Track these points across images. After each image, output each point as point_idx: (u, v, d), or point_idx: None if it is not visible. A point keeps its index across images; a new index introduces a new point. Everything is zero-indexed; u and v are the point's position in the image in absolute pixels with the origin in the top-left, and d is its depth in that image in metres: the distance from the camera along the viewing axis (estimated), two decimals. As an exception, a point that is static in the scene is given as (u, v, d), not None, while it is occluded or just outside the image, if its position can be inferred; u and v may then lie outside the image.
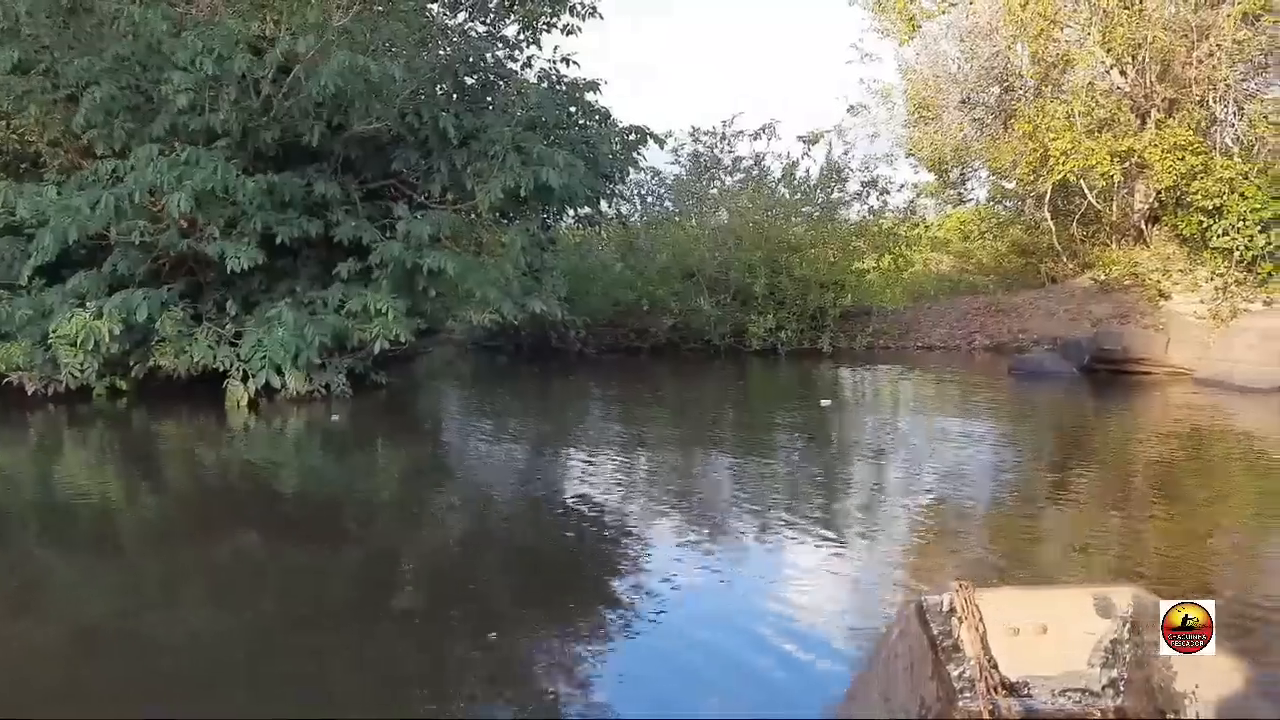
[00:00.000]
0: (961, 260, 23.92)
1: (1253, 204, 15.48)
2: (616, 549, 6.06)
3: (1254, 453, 9.18)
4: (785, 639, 4.40)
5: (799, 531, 6.07)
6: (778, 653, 4.27)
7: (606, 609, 4.93)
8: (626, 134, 13.12)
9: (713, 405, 12.56)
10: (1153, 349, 12.92)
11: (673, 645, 4.45)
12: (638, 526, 6.46)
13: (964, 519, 6.58)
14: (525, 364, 16.32)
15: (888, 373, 15.40)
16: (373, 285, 10.70)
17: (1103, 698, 3.12)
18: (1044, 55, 16.85)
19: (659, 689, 4.03)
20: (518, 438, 10.16)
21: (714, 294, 16.89)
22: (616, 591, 5.21)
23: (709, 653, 4.33)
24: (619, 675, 4.17)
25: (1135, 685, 3.05)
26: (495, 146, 10.55)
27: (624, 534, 6.33)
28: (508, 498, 7.63)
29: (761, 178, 18.58)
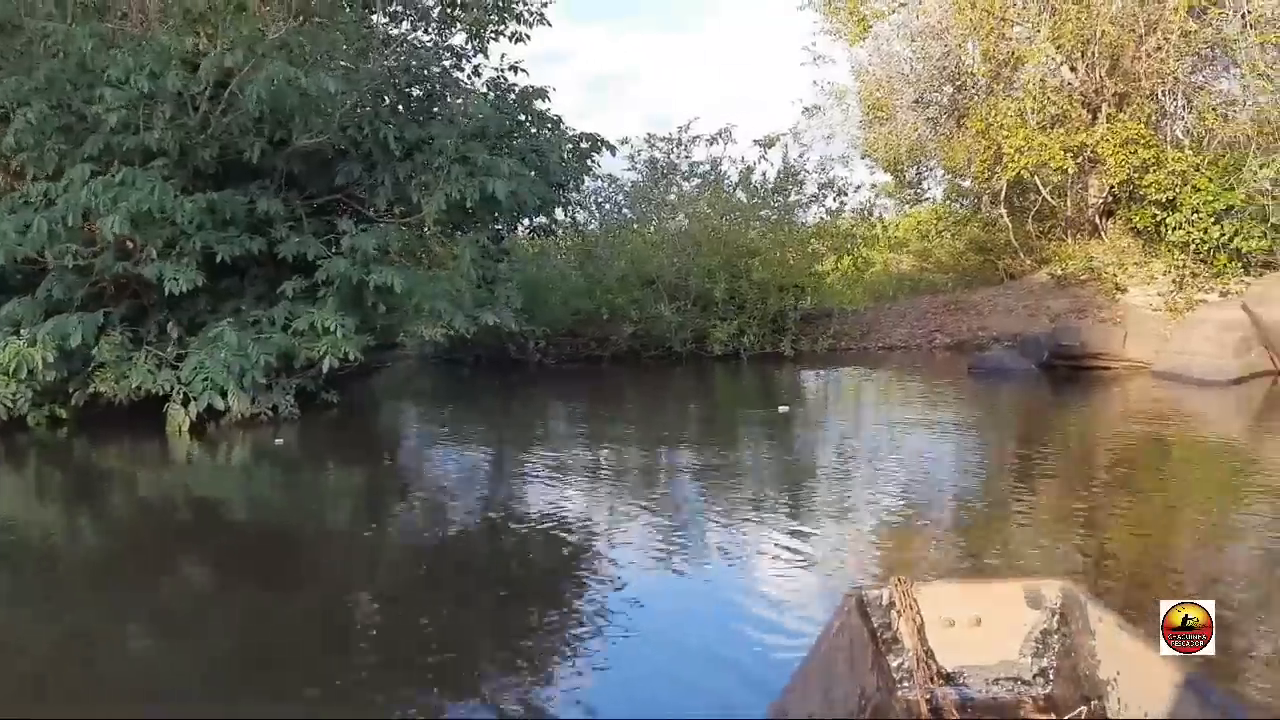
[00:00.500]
0: (921, 259, 23.85)
1: (1205, 196, 15.47)
2: (581, 564, 5.94)
3: (1213, 447, 9.07)
4: (755, 641, 4.38)
5: (764, 538, 6.02)
6: (750, 656, 4.24)
7: (574, 624, 4.90)
8: (578, 141, 12.84)
9: (674, 414, 12.33)
10: (1110, 343, 12.82)
11: (642, 655, 4.44)
12: (601, 540, 6.34)
13: (928, 522, 6.47)
14: (485, 377, 16.01)
15: (849, 374, 15.25)
16: (319, 303, 10.37)
17: (1033, 686, 3.25)
18: (995, 53, 16.77)
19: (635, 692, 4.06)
20: (474, 453, 9.91)
21: (674, 300, 16.65)
22: (582, 608, 5.13)
23: (680, 658, 4.34)
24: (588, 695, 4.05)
25: (1063, 673, 3.17)
26: (439, 158, 10.26)
27: (587, 548, 6.19)
28: (465, 515, 7.41)
29: (719, 182, 18.37)
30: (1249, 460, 8.38)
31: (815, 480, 8.05)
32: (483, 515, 7.40)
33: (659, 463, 9.07)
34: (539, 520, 6.79)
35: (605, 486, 8.09)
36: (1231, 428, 9.89)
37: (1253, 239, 15.25)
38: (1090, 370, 12.82)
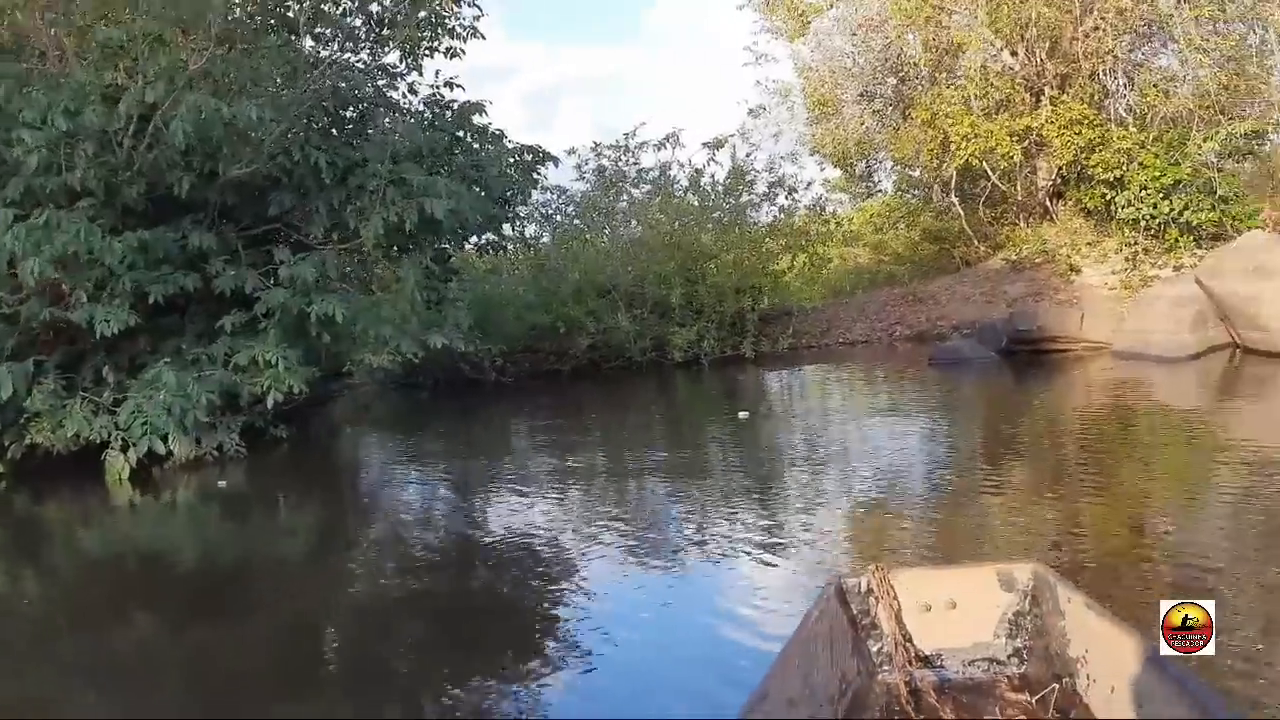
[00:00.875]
0: (877, 252, 23.74)
1: (1152, 172, 15.42)
2: (548, 586, 5.81)
3: (1176, 424, 8.94)
4: (734, 641, 4.40)
5: (735, 543, 5.96)
6: (730, 654, 4.26)
7: (549, 638, 4.89)
8: (520, 154, 12.54)
9: (634, 426, 12.08)
10: (1068, 325, 12.71)
11: (622, 661, 4.44)
12: (571, 553, 6.26)
13: (896, 515, 6.43)
14: (443, 399, 15.69)
15: (811, 373, 15.06)
16: (261, 336, 10.03)
17: (1008, 666, 3.34)
18: (935, 42, 16.67)
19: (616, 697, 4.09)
20: (433, 478, 9.68)
21: (631, 309, 16.39)
22: (557, 621, 5.10)
23: (660, 662, 4.40)
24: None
25: (1036, 653, 3.26)
26: (374, 181, 9.95)
27: (557, 562, 6.14)
28: (429, 542, 7.21)
29: (668, 187, 18.15)
30: (1213, 436, 8.27)
31: (783, 485, 7.90)
32: (447, 540, 7.22)
33: (622, 476, 8.87)
34: (506, 539, 6.68)
35: (569, 503, 7.88)
36: (1193, 403, 9.78)
37: (1202, 211, 15.22)
38: (1050, 354, 12.70)
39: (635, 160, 18.44)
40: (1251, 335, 10.61)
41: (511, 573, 6.11)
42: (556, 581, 5.85)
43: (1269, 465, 6.72)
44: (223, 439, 9.94)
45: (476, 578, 6.15)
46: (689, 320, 16.22)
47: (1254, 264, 10.64)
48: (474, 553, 6.61)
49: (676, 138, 18.29)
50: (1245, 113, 16.53)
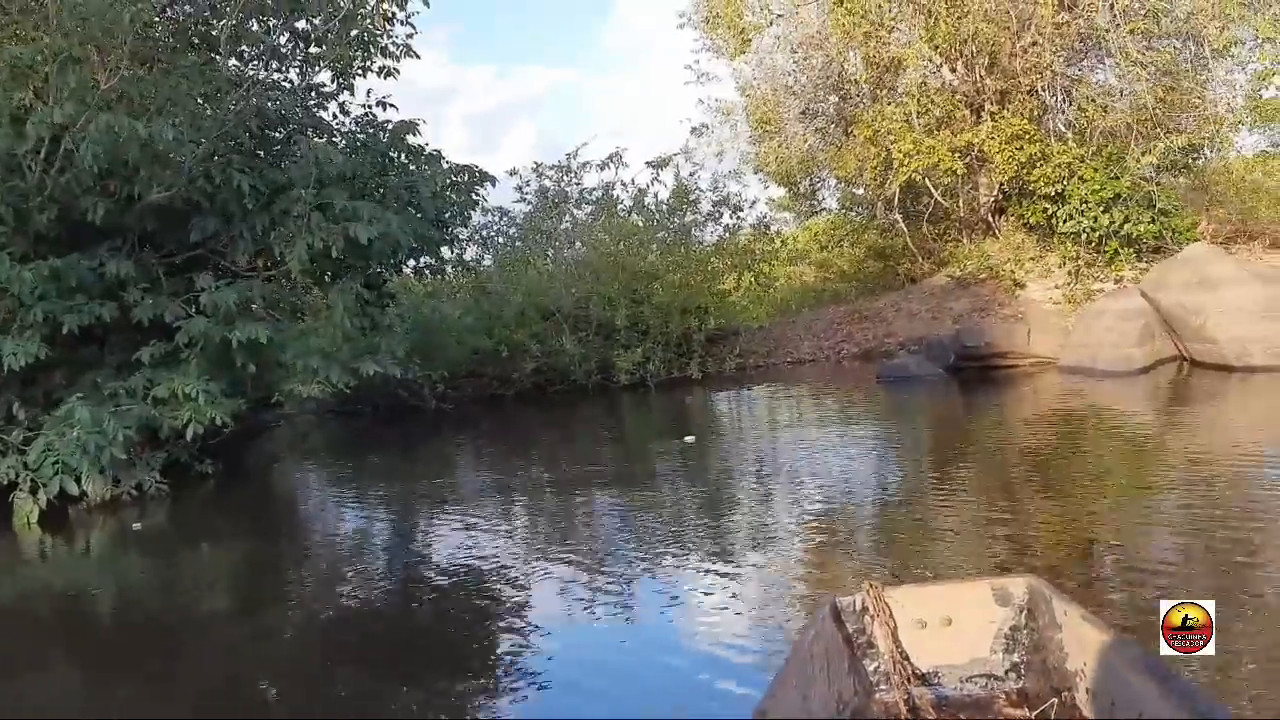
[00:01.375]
0: (822, 270, 23.63)
1: (1092, 186, 15.43)
2: (494, 623, 5.60)
3: (1126, 439, 8.74)
4: (691, 679, 4.28)
5: (690, 569, 5.88)
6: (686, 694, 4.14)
7: (495, 684, 4.68)
8: (455, 174, 12.08)
9: (580, 451, 11.69)
10: (1015, 340, 12.54)
11: (572, 705, 4.27)
12: (518, 591, 6.03)
13: (847, 536, 6.35)
14: (383, 427, 15.18)
15: (759, 393, 14.77)
16: (182, 366, 9.51)
17: (1006, 681, 3.29)
18: (876, 58, 16.55)
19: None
20: (370, 514, 9.18)
21: (575, 331, 16.03)
22: (498, 672, 4.86)
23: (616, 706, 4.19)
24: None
25: (1034, 668, 3.21)
26: (298, 206, 9.48)
27: (500, 606, 5.86)
28: (365, 583, 6.75)
29: (612, 207, 17.83)
30: (1167, 450, 8.09)
31: (733, 510, 7.62)
32: (385, 578, 6.83)
33: (569, 505, 8.48)
34: (448, 575, 6.44)
35: (514, 534, 7.56)
36: (1143, 417, 9.60)
37: (1141, 224, 15.25)
38: (997, 370, 12.53)
39: (578, 180, 18.15)
40: (1197, 348, 10.50)
41: (455, 611, 5.83)
42: (503, 618, 5.62)
43: (1222, 477, 6.54)
44: (142, 477, 9.39)
45: (418, 617, 5.84)
46: (634, 342, 15.89)
47: (1198, 276, 10.54)
48: (414, 591, 6.31)
49: (620, 157, 18.04)
50: (1181, 127, 16.62)
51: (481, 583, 6.22)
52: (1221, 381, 10.18)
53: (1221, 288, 10.33)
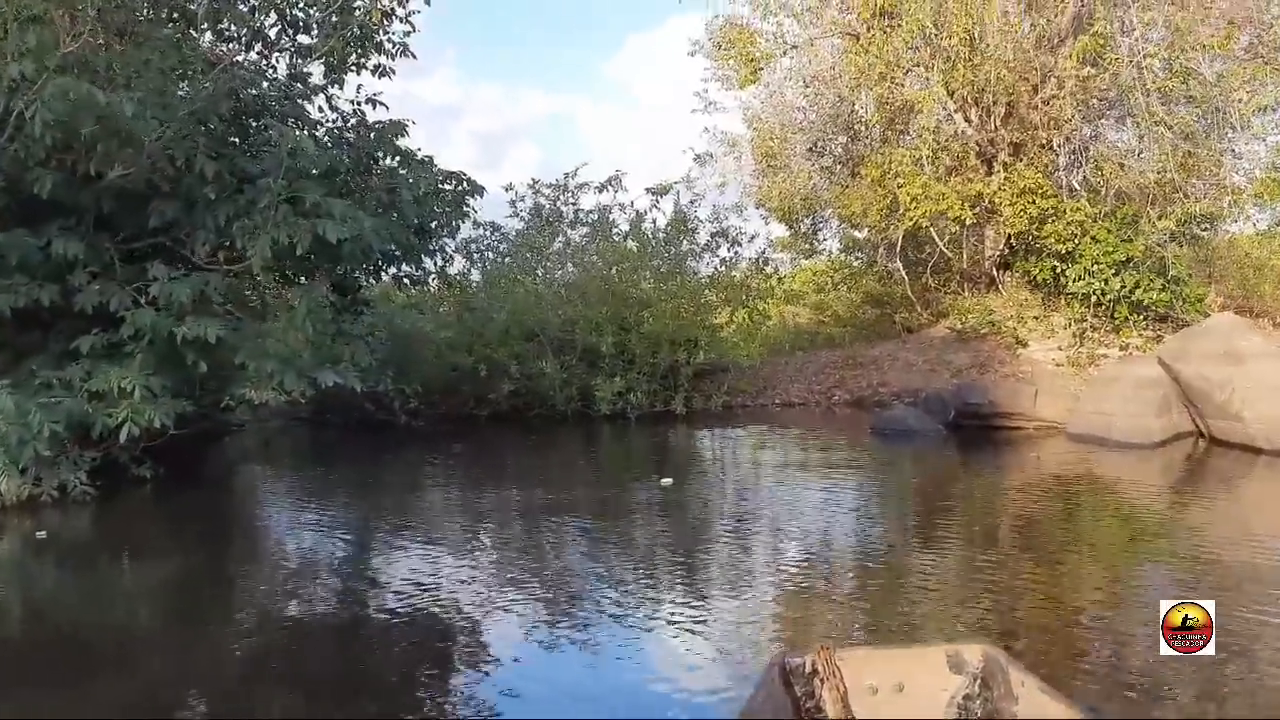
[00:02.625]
0: (817, 312, 22.88)
1: (1105, 247, 14.72)
2: (438, 651, 5.23)
3: (1131, 516, 7.91)
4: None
5: (659, 612, 5.58)
6: None
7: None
8: (440, 180, 11.22)
9: (552, 483, 10.82)
10: (1020, 402, 11.72)
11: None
12: (465, 624, 5.62)
13: (823, 600, 5.88)
14: (352, 440, 14.29)
15: (745, 435, 13.95)
16: (126, 360, 8.63)
17: None
18: (889, 100, 15.84)
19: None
20: (320, 531, 8.32)
21: (559, 355, 15.19)
22: (440, 699, 4.62)
23: None
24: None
25: None
26: (265, 197, 8.64)
27: (453, 640, 5.45)
28: (301, 609, 6.15)
29: (607, 231, 17.04)
30: (1175, 534, 7.28)
31: (708, 553, 7.16)
32: (327, 602, 6.28)
33: (534, 541, 7.71)
34: (399, 601, 5.93)
35: (475, 564, 6.99)
36: (1157, 496, 8.74)
37: (1153, 291, 14.55)
38: (1000, 430, 11.70)
39: (574, 201, 17.37)
40: (1220, 425, 9.68)
41: (401, 638, 5.36)
42: (453, 649, 5.30)
43: (1232, 568, 5.91)
44: (66, 477, 8.47)
45: (358, 644, 5.36)
46: (619, 370, 15.05)
47: (1223, 348, 9.75)
48: (358, 616, 5.84)
49: (619, 181, 17.29)
50: (1197, 194, 15.98)
51: (434, 610, 5.79)
52: (1246, 464, 9.35)
53: (1249, 361, 9.53)
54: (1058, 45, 14.88)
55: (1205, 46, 12.87)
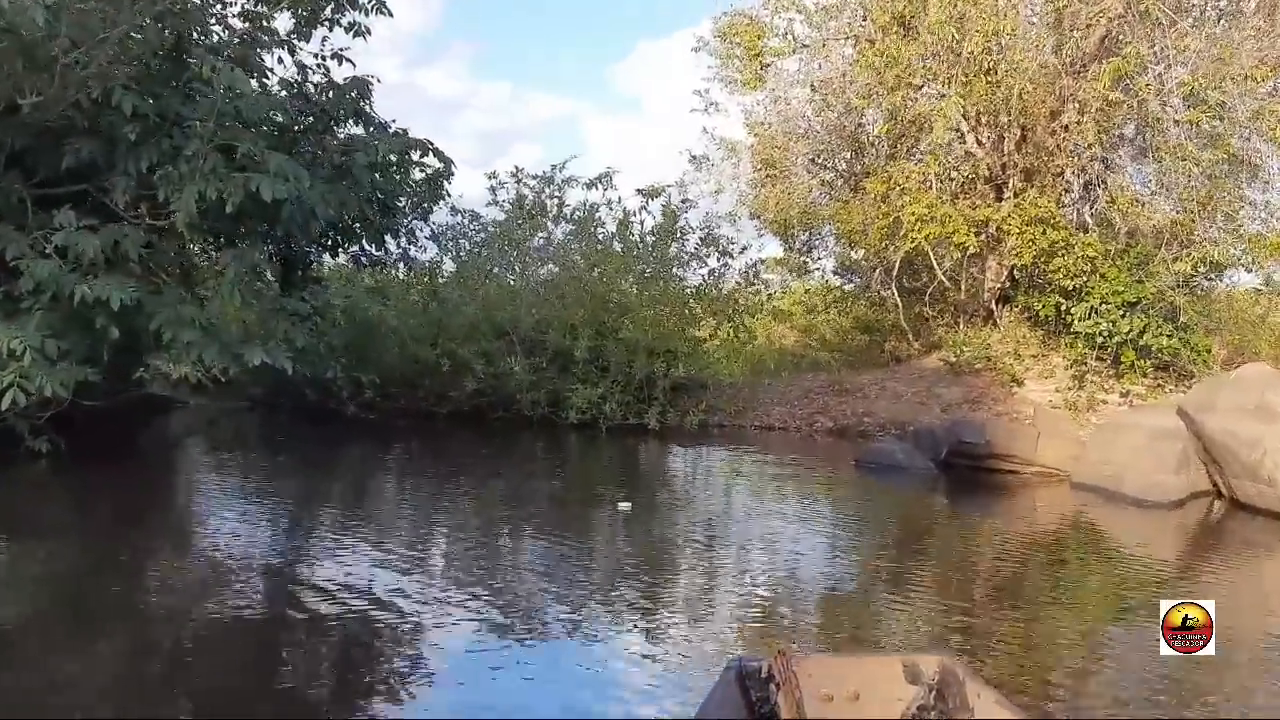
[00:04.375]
0: (805, 335, 21.79)
1: (1115, 286, 13.66)
2: (370, 661, 4.73)
3: (1141, 581, 6.78)
4: None
5: (612, 629, 5.29)
6: None
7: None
8: (404, 149, 9.99)
9: (510, 487, 9.71)
10: (1019, 444, 10.61)
11: None
12: (398, 634, 5.05)
13: (789, 617, 5.59)
14: (307, 427, 13.17)
15: (719, 458, 12.83)
16: (22, 318, 7.45)
17: None
18: (899, 112, 14.76)
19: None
20: (242, 522, 7.48)
21: (529, 356, 14.03)
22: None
23: None
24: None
25: None
26: (193, 142, 7.47)
27: (388, 647, 4.92)
28: (211, 609, 5.43)
29: (592, 229, 15.90)
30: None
31: (669, 576, 6.52)
32: (239, 605, 5.59)
33: (478, 551, 6.63)
34: (324, 603, 5.40)
35: (414, 570, 6.24)
36: (1176, 565, 7.55)
37: (1162, 337, 13.48)
38: (995, 473, 10.58)
39: (560, 194, 16.22)
40: (1249, 488, 8.55)
41: (321, 646, 4.90)
42: (381, 659, 4.75)
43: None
44: (-67, 446, 7.28)
45: (264, 650, 4.81)
46: (592, 378, 13.89)
47: (1255, 401, 8.65)
48: (278, 624, 5.20)
49: (610, 179, 16.14)
50: (1212, 239, 14.98)
51: (367, 617, 5.19)
52: (1277, 533, 8.24)
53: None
54: (1081, 69, 13.84)
55: (1248, 77, 11.84)
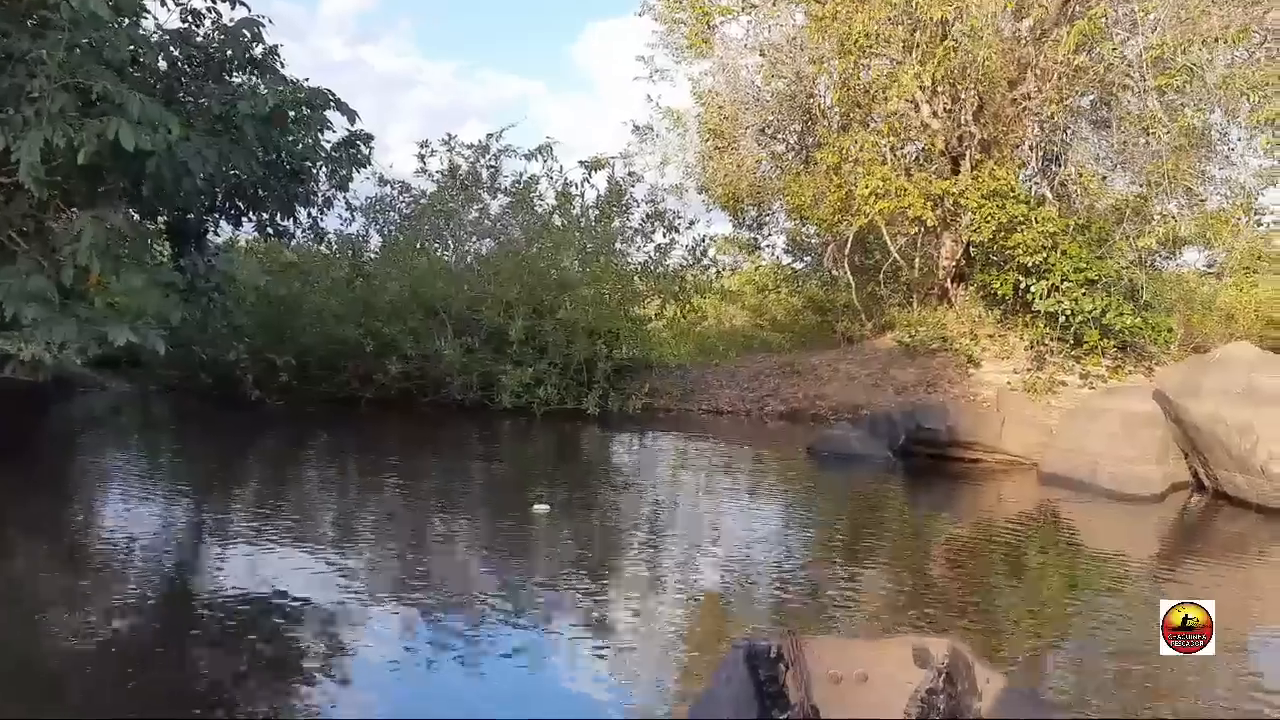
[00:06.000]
0: (755, 315, 20.77)
1: (1076, 262, 12.75)
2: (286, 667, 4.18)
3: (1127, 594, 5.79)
4: None
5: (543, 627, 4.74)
6: None
7: None
8: (301, 99, 8.66)
9: (436, 477, 8.55)
10: (983, 431, 9.65)
11: None
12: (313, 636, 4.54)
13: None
14: (225, 414, 11.89)
15: (662, 446, 11.78)
16: None
17: None
18: (853, 78, 13.69)
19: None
20: (123, 516, 6.63)
21: (460, 337, 12.85)
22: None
23: None
24: None
25: None
26: (37, 80, 6.18)
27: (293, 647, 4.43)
28: (95, 615, 4.65)
29: (531, 202, 14.71)
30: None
31: (610, 572, 5.72)
32: (121, 609, 4.82)
33: (398, 542, 5.47)
34: (219, 609, 4.79)
35: (323, 568, 5.39)
36: (1182, 575, 6.47)
37: (1125, 316, 12.62)
38: (957, 462, 9.62)
39: (496, 165, 15.00)
40: (1239, 480, 7.58)
41: (222, 651, 4.33)
42: (296, 664, 4.22)
43: None
44: None
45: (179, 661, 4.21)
46: (528, 359, 12.74)
47: (1243, 384, 7.72)
48: (151, 623, 4.65)
49: (550, 150, 14.98)
50: (1171, 214, 14.17)
51: (278, 621, 4.66)
52: (1273, 532, 7.28)
53: (1278, 406, 7.53)
54: (1042, 35, 12.87)
55: (1219, 39, 10.95)
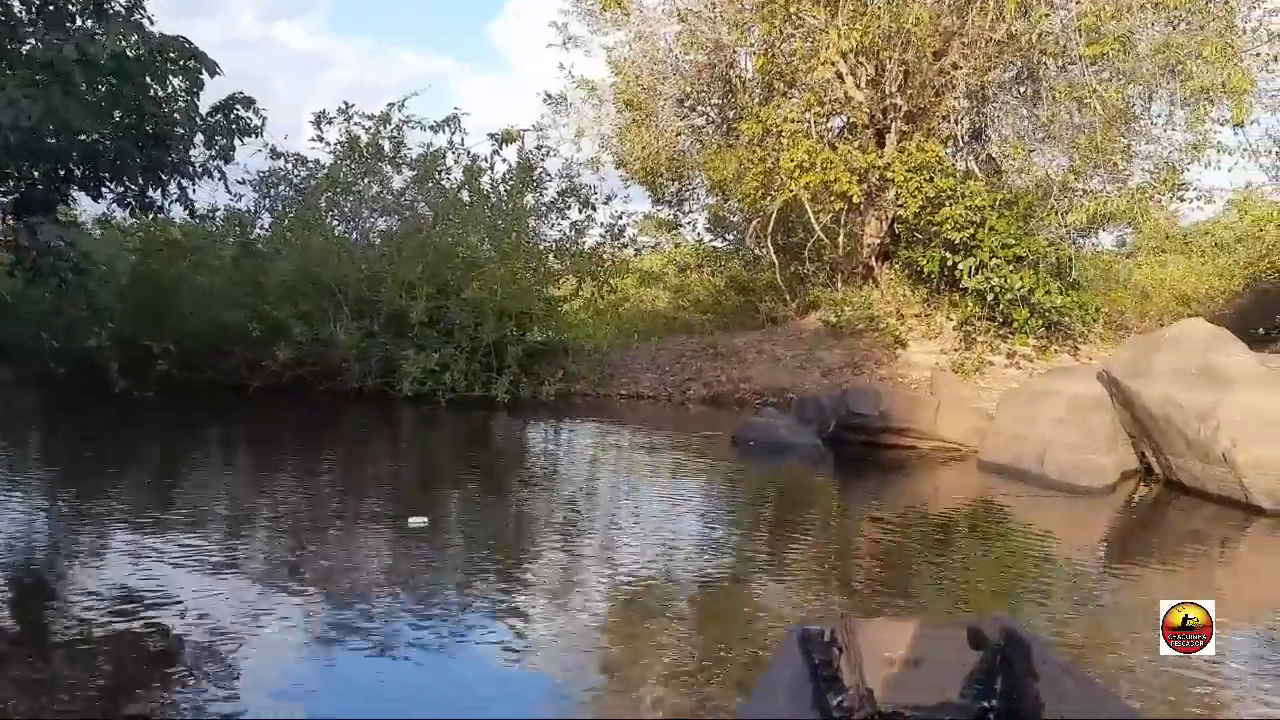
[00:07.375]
0: (677, 296, 19.87)
1: (1004, 238, 12.12)
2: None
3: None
4: None
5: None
6: None
7: None
8: (145, 44, 7.36)
9: (272, 489, 7.41)
10: (918, 416, 8.86)
11: None
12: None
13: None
14: (96, 404, 10.54)
15: (575, 435, 10.84)
16: None
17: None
18: (775, 49, 12.80)
19: None
20: None
21: (358, 319, 11.67)
22: None
23: None
24: None
25: (1005, 715, 2.70)
26: None
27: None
28: None
29: (437, 177, 13.52)
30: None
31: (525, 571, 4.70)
32: None
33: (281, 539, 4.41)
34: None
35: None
36: (1153, 581, 5.69)
37: (1053, 294, 12.04)
38: (892, 450, 8.83)
39: (399, 137, 13.76)
40: (1196, 468, 6.81)
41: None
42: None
43: None
44: None
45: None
46: (432, 344, 11.62)
47: (1199, 364, 7.01)
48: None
49: (458, 121, 13.76)
50: (1095, 189, 13.64)
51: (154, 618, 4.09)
52: (1237, 525, 6.59)
53: (1240, 387, 6.73)
54: (967, 3, 12.13)
55: (1158, 5, 10.32)
